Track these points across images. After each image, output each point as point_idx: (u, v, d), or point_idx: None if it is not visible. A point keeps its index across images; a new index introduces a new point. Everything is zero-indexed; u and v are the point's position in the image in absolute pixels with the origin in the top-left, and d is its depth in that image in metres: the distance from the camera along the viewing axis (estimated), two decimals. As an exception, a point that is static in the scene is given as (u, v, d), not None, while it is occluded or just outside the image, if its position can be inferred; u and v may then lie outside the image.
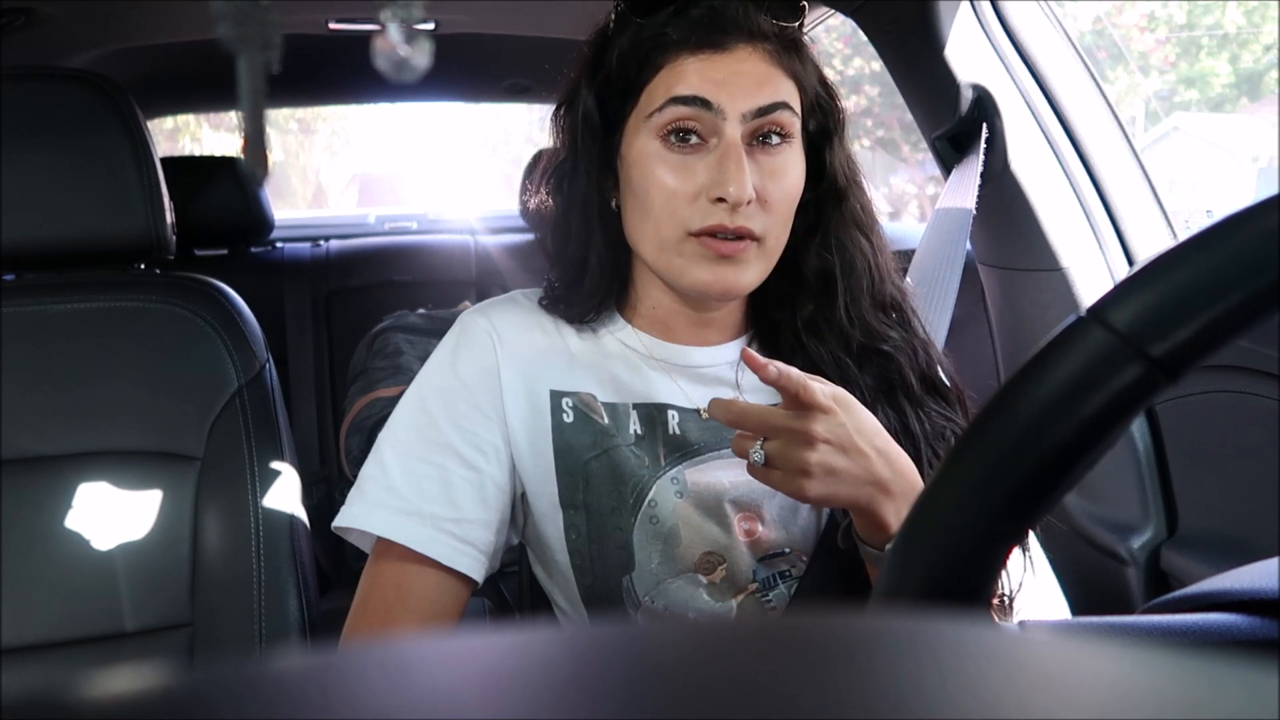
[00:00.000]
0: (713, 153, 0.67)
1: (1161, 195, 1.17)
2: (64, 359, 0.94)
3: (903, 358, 0.74)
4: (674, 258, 0.69)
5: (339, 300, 2.14)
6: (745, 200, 0.65)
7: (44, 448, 0.92)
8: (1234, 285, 0.29)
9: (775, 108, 0.67)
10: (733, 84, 0.67)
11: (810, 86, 0.72)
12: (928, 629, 0.17)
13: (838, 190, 0.74)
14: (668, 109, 0.67)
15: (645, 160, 0.68)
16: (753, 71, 0.67)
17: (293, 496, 0.96)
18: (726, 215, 0.66)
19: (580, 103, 0.72)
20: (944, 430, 0.73)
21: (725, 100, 0.66)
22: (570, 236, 0.74)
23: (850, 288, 0.73)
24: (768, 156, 0.68)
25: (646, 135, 0.68)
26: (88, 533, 0.90)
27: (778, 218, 0.68)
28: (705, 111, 0.66)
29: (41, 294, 0.95)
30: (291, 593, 0.93)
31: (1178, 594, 0.43)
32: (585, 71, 0.73)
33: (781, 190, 0.68)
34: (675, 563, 0.71)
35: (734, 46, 0.67)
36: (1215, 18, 8.75)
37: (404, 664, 0.15)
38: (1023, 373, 0.31)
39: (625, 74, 0.70)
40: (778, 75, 0.69)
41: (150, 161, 0.95)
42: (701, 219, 0.67)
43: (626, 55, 0.70)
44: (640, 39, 0.69)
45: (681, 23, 0.68)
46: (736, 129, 0.66)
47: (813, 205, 0.74)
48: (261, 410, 0.96)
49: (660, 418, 0.73)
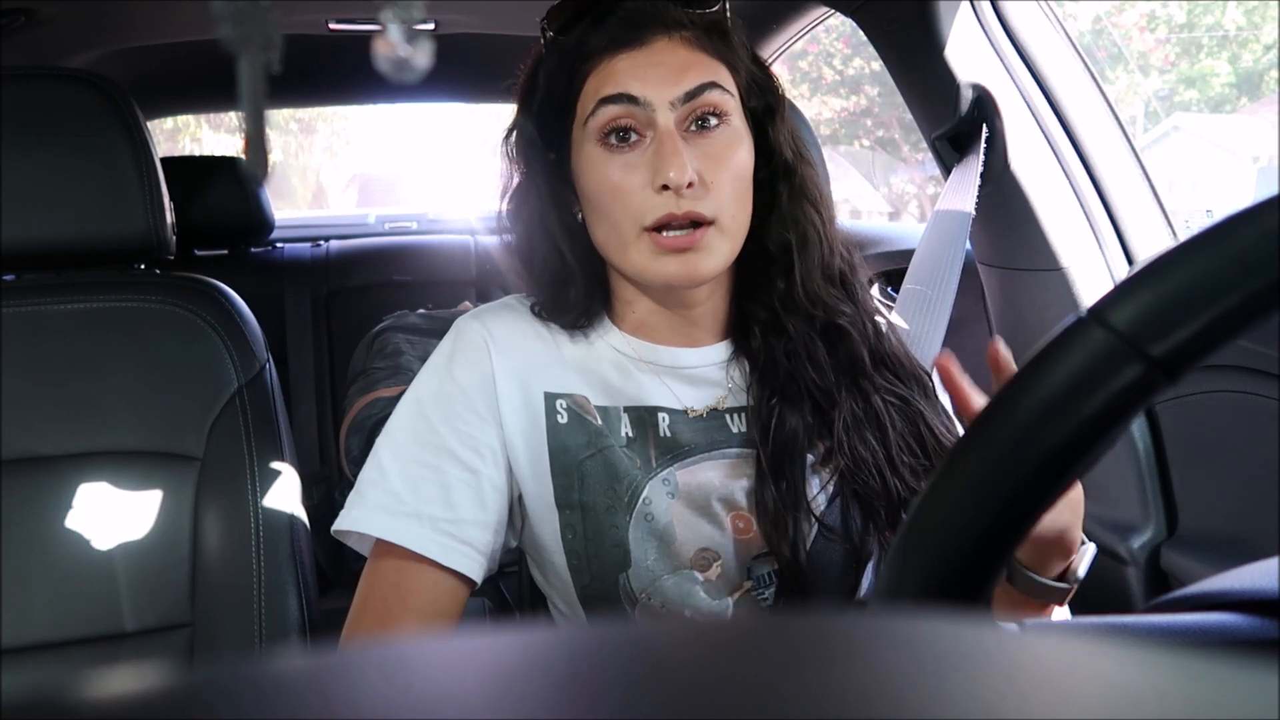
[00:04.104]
0: (650, 145, 0.68)
1: (1161, 195, 1.16)
2: (64, 359, 0.94)
3: (855, 331, 0.75)
4: (633, 255, 0.70)
5: (339, 300, 2.14)
6: (685, 183, 0.66)
7: (44, 448, 0.92)
8: (1234, 285, 0.29)
9: (702, 89, 0.69)
10: (655, 75, 0.68)
11: (743, 67, 0.73)
12: (928, 629, 0.17)
13: (786, 165, 0.75)
14: (599, 111, 0.69)
15: (590, 166, 0.70)
16: (672, 60, 0.69)
17: (293, 496, 0.96)
18: (673, 202, 0.67)
19: (521, 127, 0.75)
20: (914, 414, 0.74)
21: (651, 92, 0.68)
22: (537, 257, 0.76)
23: (804, 262, 0.74)
24: (706, 139, 0.69)
25: (588, 143, 0.70)
26: (88, 533, 0.90)
27: (728, 197, 0.69)
28: (634, 107, 0.68)
29: (41, 294, 0.95)
30: (291, 593, 0.93)
31: (1178, 594, 0.43)
32: (522, 97, 0.76)
33: (727, 170, 0.69)
34: (671, 559, 0.71)
35: (651, 40, 0.70)
36: (1215, 18, 8.75)
37: (404, 664, 0.15)
38: (1023, 373, 0.31)
39: (557, 89, 0.72)
40: (701, 59, 0.70)
41: (150, 162, 0.95)
42: (652, 212, 0.68)
43: (554, 71, 0.72)
44: (564, 53, 0.72)
45: (599, 29, 0.70)
46: (668, 117, 0.68)
47: (767, 184, 0.75)
48: (261, 410, 0.96)
49: (651, 420, 0.74)
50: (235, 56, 0.26)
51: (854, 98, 9.43)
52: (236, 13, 0.25)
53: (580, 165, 0.72)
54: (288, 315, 2.09)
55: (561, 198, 0.74)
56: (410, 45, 0.27)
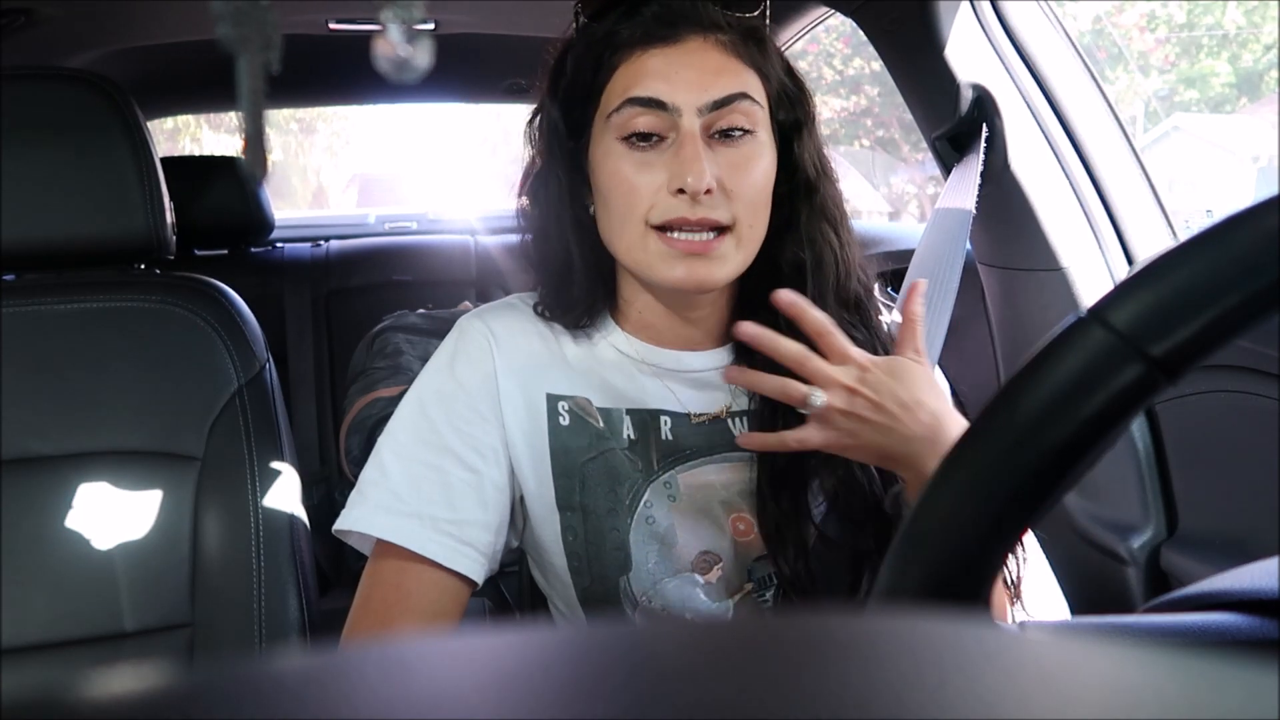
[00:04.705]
0: (671, 146, 0.67)
1: (1161, 195, 1.16)
2: (64, 359, 0.94)
3: None
4: (641, 254, 0.68)
5: (339, 300, 2.14)
6: (703, 189, 0.65)
7: (44, 448, 0.92)
8: (1234, 285, 0.29)
9: (732, 99, 0.67)
10: (685, 77, 0.66)
11: (775, 77, 0.71)
12: (927, 629, 0.17)
13: (809, 183, 0.73)
14: (624, 110, 0.67)
15: (607, 159, 0.69)
16: (705, 63, 0.67)
17: (293, 496, 0.96)
18: (688, 207, 0.66)
19: (546, 112, 0.73)
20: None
21: (679, 97, 0.66)
22: (550, 244, 0.74)
23: (818, 284, 0.72)
24: (730, 149, 0.67)
25: (608, 137, 0.69)
26: (88, 533, 0.90)
27: (747, 205, 0.67)
28: (661, 112, 0.66)
29: (41, 294, 0.95)
30: (291, 593, 0.93)
31: (1178, 594, 0.43)
32: (549, 81, 0.74)
33: (747, 182, 0.67)
34: (672, 562, 0.71)
35: (685, 38, 0.67)
36: (1215, 18, 8.75)
37: (404, 664, 0.15)
38: (1023, 373, 0.31)
39: (583, 78, 0.70)
40: (734, 65, 0.68)
41: (150, 162, 0.95)
42: (662, 213, 0.66)
43: (582, 59, 0.70)
44: (593, 41, 0.70)
45: (631, 21, 0.68)
46: (694, 121, 0.66)
47: (787, 199, 0.72)
48: (261, 410, 0.96)
49: (653, 423, 0.73)
50: (235, 56, 0.26)
51: (854, 98, 9.42)
52: (236, 13, 0.25)
53: (597, 156, 0.70)
54: (288, 315, 2.09)
55: (576, 189, 0.73)
56: (410, 45, 0.27)
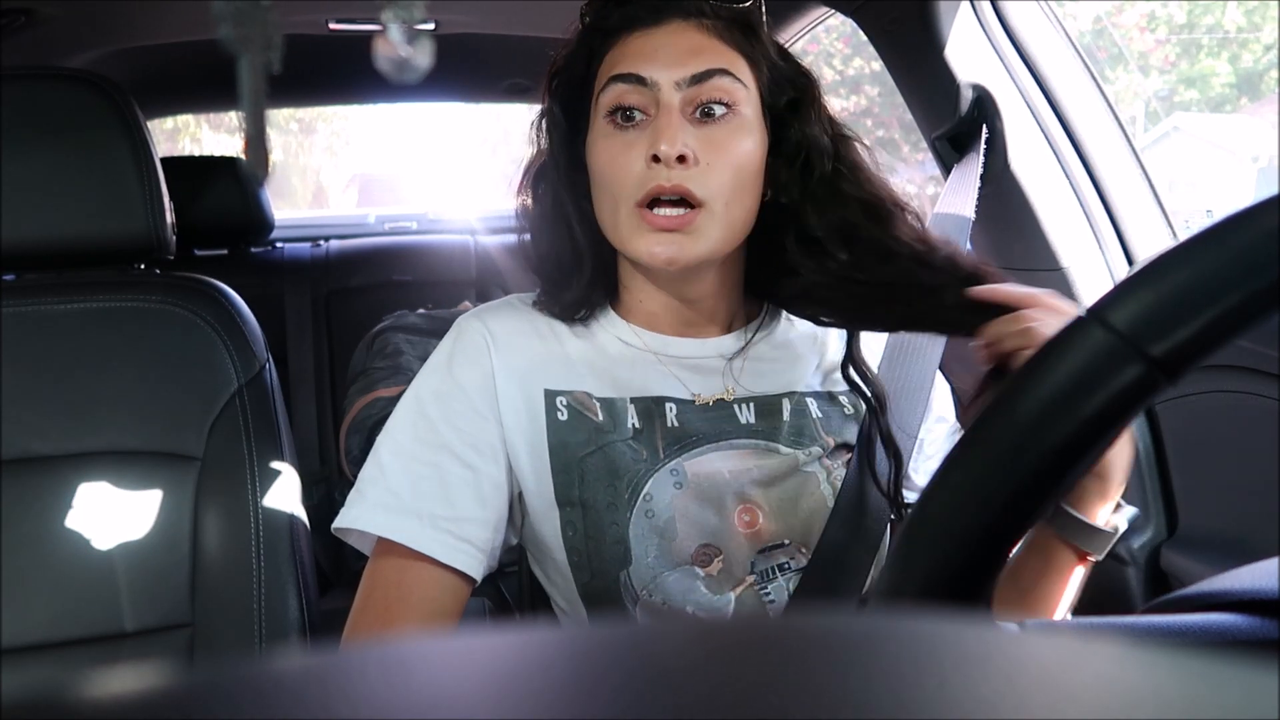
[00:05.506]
0: (653, 123, 0.69)
1: (1161, 195, 1.16)
2: (64, 359, 0.94)
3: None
4: (623, 230, 0.70)
5: (339, 300, 2.14)
6: (675, 155, 0.66)
7: (44, 448, 0.92)
8: (1234, 285, 0.29)
9: (711, 74, 0.68)
10: (664, 55, 0.69)
11: (764, 63, 0.72)
12: (928, 629, 0.17)
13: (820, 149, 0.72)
14: (608, 89, 0.70)
15: (598, 142, 0.71)
16: (684, 42, 0.69)
17: (293, 496, 0.96)
18: (663, 174, 0.67)
19: (547, 107, 0.76)
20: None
21: (658, 72, 0.68)
22: (550, 235, 0.76)
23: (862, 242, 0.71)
24: (711, 126, 0.69)
25: (599, 120, 0.71)
26: (88, 533, 0.90)
27: (724, 183, 0.68)
28: (642, 87, 0.68)
29: (41, 294, 0.95)
30: (291, 593, 0.93)
31: (1178, 594, 0.43)
32: (549, 78, 0.77)
33: (726, 156, 0.68)
34: (672, 556, 0.71)
35: (667, 21, 0.70)
36: (1215, 18, 8.74)
37: (404, 664, 0.15)
38: (1023, 372, 0.31)
39: (577, 69, 0.73)
40: (716, 45, 0.70)
41: (150, 162, 0.95)
42: (640, 183, 0.68)
43: (575, 52, 0.74)
44: (586, 33, 0.73)
45: (620, 11, 0.72)
46: (673, 96, 0.68)
47: (799, 174, 0.72)
48: (261, 410, 0.96)
49: (658, 410, 0.74)
50: (235, 56, 0.26)
51: (854, 98, 9.42)
52: (236, 13, 0.25)
53: (590, 143, 0.72)
54: (288, 315, 2.09)
55: (576, 180, 0.75)
56: (410, 45, 0.27)
